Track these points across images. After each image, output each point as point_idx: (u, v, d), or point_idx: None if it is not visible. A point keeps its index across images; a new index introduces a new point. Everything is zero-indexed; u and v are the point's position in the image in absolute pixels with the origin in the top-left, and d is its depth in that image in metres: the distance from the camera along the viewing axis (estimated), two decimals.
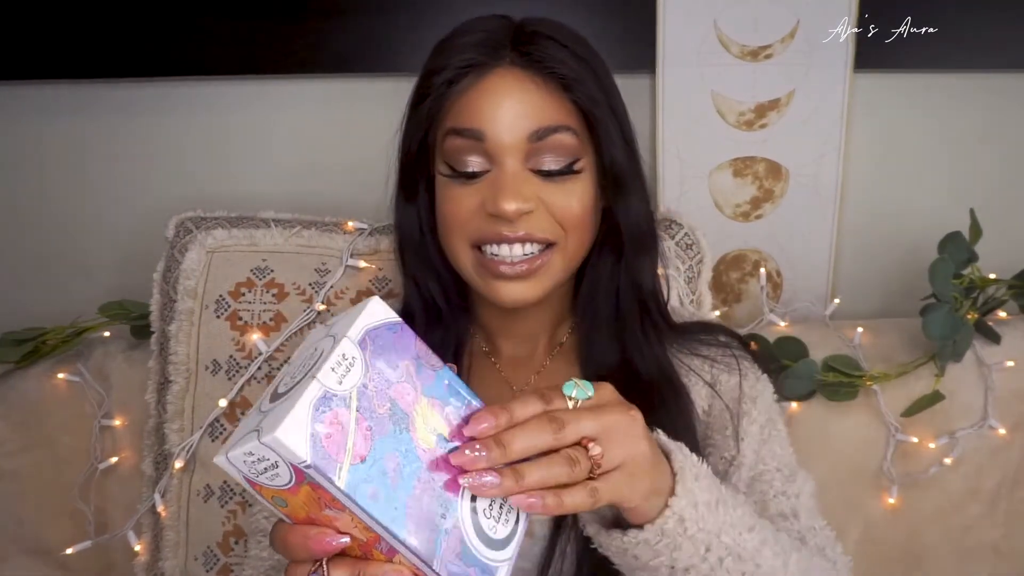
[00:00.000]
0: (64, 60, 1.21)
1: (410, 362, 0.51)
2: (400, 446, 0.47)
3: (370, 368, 0.48)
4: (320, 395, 0.45)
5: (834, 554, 0.74)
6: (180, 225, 1.06)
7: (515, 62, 0.72)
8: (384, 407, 0.48)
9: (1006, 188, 1.25)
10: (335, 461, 0.44)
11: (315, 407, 0.44)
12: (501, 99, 0.70)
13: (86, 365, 1.09)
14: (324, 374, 0.46)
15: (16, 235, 1.31)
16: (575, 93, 0.72)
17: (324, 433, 0.44)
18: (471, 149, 0.71)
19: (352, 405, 0.46)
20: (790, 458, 0.79)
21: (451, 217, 0.74)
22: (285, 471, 0.44)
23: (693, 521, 0.57)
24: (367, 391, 0.47)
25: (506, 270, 0.72)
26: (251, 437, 0.44)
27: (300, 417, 0.43)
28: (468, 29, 0.74)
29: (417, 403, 0.50)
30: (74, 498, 1.07)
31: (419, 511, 0.47)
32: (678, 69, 1.18)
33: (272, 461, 0.44)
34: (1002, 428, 1.06)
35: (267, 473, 0.45)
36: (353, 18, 1.18)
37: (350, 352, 0.48)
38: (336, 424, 0.45)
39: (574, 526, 0.70)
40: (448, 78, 0.72)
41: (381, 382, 0.48)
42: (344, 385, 0.46)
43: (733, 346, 0.82)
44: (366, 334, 0.49)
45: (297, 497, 0.46)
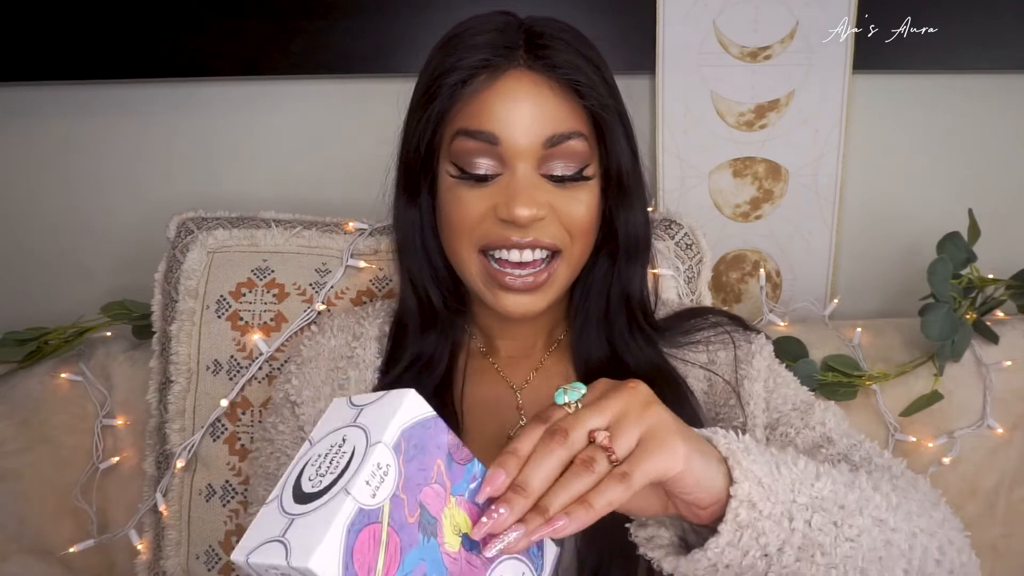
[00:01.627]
0: (66, 61, 1.21)
1: (441, 460, 0.50)
2: (427, 554, 0.46)
3: (402, 475, 0.47)
4: (355, 513, 0.44)
5: (883, 460, 0.71)
6: (181, 225, 1.06)
7: (529, 64, 0.71)
8: (414, 515, 0.47)
9: (1005, 188, 1.25)
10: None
11: (348, 529, 0.43)
12: (516, 102, 0.70)
13: (88, 365, 1.09)
14: (359, 489, 0.44)
15: (18, 235, 1.32)
16: (589, 100, 0.71)
17: (356, 557, 0.43)
18: (482, 151, 0.70)
19: (384, 520, 0.45)
20: (804, 394, 0.78)
21: (458, 221, 0.73)
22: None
23: (764, 499, 0.53)
24: (399, 500, 0.46)
25: (512, 282, 0.72)
26: (278, 551, 0.43)
27: (334, 543, 0.42)
28: (476, 27, 0.73)
29: (446, 504, 0.49)
30: (76, 497, 1.07)
31: None
32: (678, 70, 1.18)
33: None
34: (1000, 428, 1.06)
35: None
36: (353, 18, 1.18)
37: (384, 460, 0.46)
38: (368, 542, 0.44)
39: None
40: (460, 78, 0.70)
41: (413, 487, 0.47)
42: (377, 499, 0.45)
43: (723, 323, 0.82)
44: (401, 436, 0.48)
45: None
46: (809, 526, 0.54)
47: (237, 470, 1.01)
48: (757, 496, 0.53)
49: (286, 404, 0.83)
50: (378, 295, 1.03)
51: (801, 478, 0.56)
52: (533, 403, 0.80)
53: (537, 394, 0.80)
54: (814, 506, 0.55)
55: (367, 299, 1.02)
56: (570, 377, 0.80)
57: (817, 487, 0.56)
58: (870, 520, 0.57)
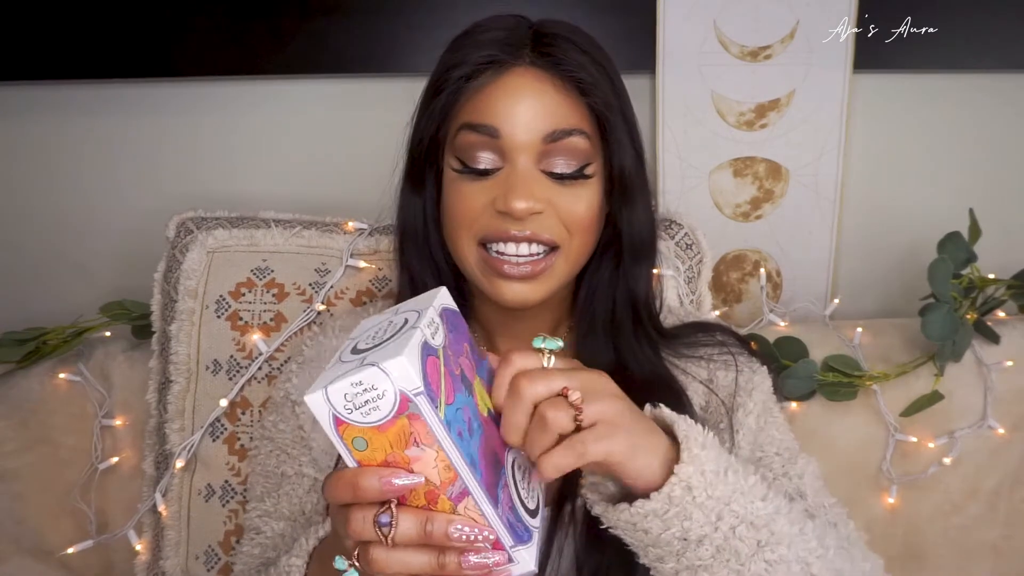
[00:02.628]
0: (67, 61, 1.21)
1: (467, 344, 0.57)
2: (469, 404, 0.52)
3: (448, 337, 0.54)
4: (423, 341, 0.50)
5: (846, 530, 0.73)
6: (181, 225, 1.06)
7: (534, 62, 0.72)
8: (457, 370, 0.53)
9: (1006, 188, 1.25)
10: (436, 396, 0.49)
11: (422, 349, 0.49)
12: (518, 98, 0.71)
13: (87, 365, 1.09)
14: (418, 327, 0.51)
15: (18, 235, 1.32)
16: (592, 98, 0.72)
17: (429, 371, 0.49)
18: (484, 145, 0.71)
19: (441, 358, 0.51)
20: (790, 442, 0.79)
21: (459, 213, 0.73)
22: (388, 403, 0.48)
23: (701, 488, 0.56)
24: (448, 352, 0.53)
25: (510, 270, 0.72)
26: (359, 369, 0.47)
27: (414, 352, 0.48)
28: (487, 26, 0.74)
29: (475, 378, 0.55)
30: (75, 498, 1.07)
31: (485, 463, 0.51)
32: (678, 69, 1.18)
33: (379, 392, 0.47)
34: (1001, 428, 1.06)
35: (365, 407, 0.48)
36: (353, 18, 1.18)
37: (435, 319, 0.53)
38: (435, 369, 0.50)
39: (571, 523, 0.71)
40: (466, 73, 0.72)
41: (453, 350, 0.54)
42: (436, 341, 0.52)
43: (729, 343, 0.82)
44: (443, 310, 0.55)
45: (385, 435, 0.49)
46: (733, 533, 0.57)
47: (236, 470, 1.00)
48: (696, 483, 0.56)
49: (286, 403, 0.83)
50: (378, 295, 1.02)
51: (745, 491, 0.58)
52: None
53: None
54: (746, 519, 0.57)
55: (367, 299, 1.02)
56: None
57: (757, 505, 0.58)
58: (795, 557, 0.59)
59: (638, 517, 0.56)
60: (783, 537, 0.58)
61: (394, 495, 0.50)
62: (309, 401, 0.49)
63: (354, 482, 0.50)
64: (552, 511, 0.71)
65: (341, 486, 0.50)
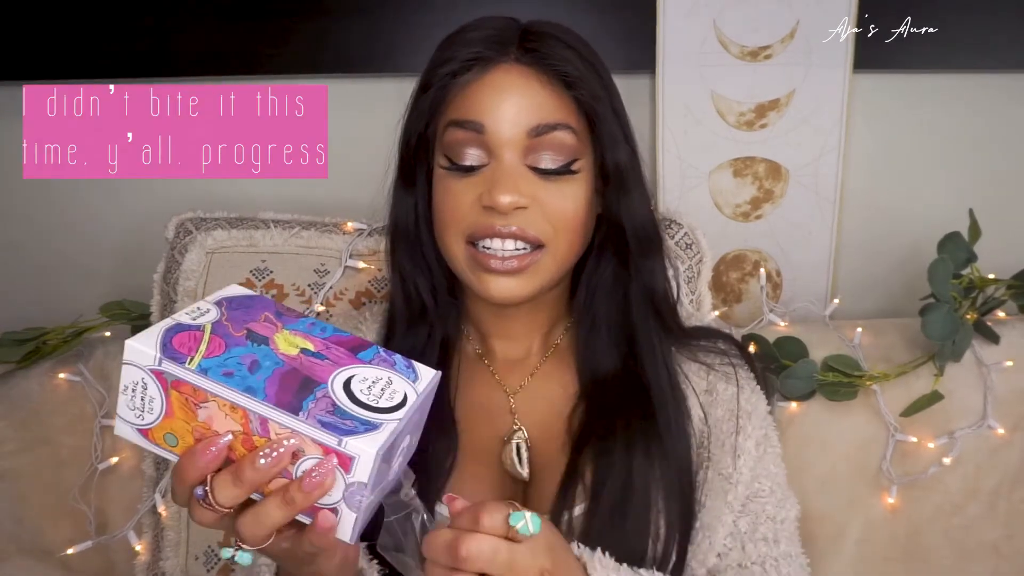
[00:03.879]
0: (67, 61, 1.21)
1: (270, 313, 0.60)
2: (257, 352, 0.55)
3: (225, 314, 0.58)
4: (172, 324, 0.55)
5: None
6: (180, 226, 1.06)
7: (520, 59, 0.72)
8: (240, 331, 0.57)
9: (1006, 188, 1.25)
10: (185, 356, 0.53)
11: (166, 330, 0.55)
12: (503, 93, 0.71)
13: (87, 365, 1.09)
14: (177, 316, 0.57)
15: (17, 235, 1.32)
16: (578, 91, 0.72)
17: (175, 342, 0.53)
18: (470, 141, 0.71)
19: (206, 330, 0.55)
20: (782, 479, 0.80)
21: (447, 211, 0.73)
22: (153, 388, 0.53)
23: None
24: (222, 323, 0.57)
25: (496, 265, 0.72)
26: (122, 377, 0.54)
27: (151, 333, 0.54)
28: (476, 26, 0.75)
29: (278, 332, 0.58)
30: (75, 498, 1.07)
31: (280, 384, 0.53)
32: (678, 69, 1.18)
33: (140, 382, 0.53)
34: (1001, 428, 1.06)
35: (146, 406, 0.54)
36: (353, 18, 1.18)
37: (205, 307, 0.59)
38: (189, 338, 0.54)
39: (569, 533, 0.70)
40: (452, 70, 0.72)
41: (237, 321, 0.58)
42: (197, 321, 0.56)
43: (731, 353, 0.82)
44: (222, 299, 0.60)
45: (175, 418, 0.53)
46: None
47: None
48: None
49: None
50: (377, 296, 1.02)
51: None
52: (527, 409, 0.79)
53: (532, 399, 0.80)
54: None
55: (366, 300, 1.02)
56: (568, 385, 0.80)
57: None
58: None
59: None
60: None
61: (218, 462, 0.51)
62: (122, 434, 0.55)
63: (179, 474, 0.51)
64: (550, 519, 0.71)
65: (174, 484, 0.52)
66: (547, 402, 0.79)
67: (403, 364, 0.59)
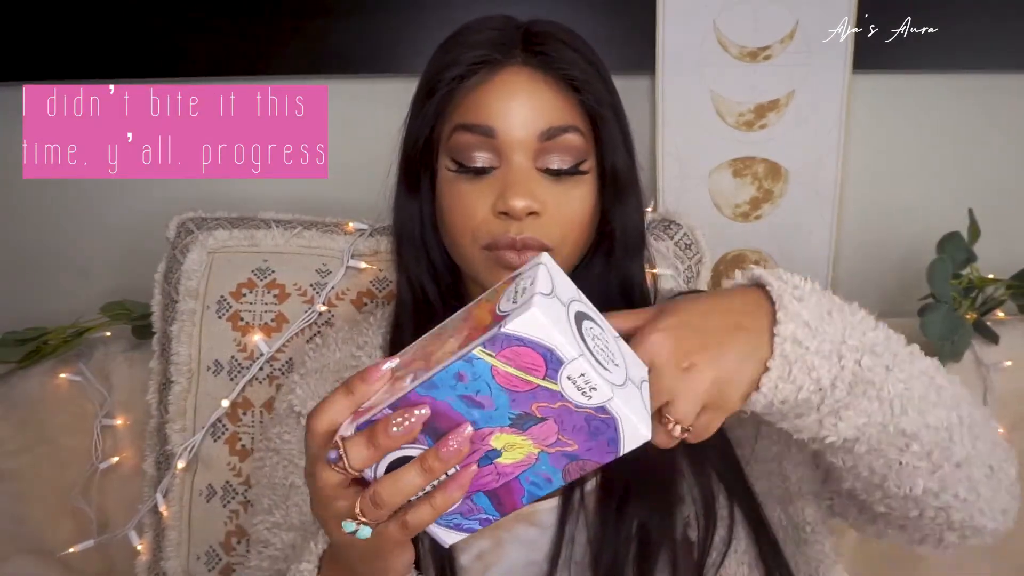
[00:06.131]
0: (67, 61, 1.21)
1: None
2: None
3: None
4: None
5: None
6: (181, 226, 1.06)
7: (527, 61, 0.72)
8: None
9: (1005, 188, 1.25)
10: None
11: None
12: (513, 96, 0.71)
13: (87, 365, 1.09)
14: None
15: (17, 235, 1.32)
16: (584, 94, 0.72)
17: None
18: (480, 145, 0.71)
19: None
20: None
21: (458, 215, 0.73)
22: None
23: (809, 338, 0.57)
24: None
25: (513, 259, 0.71)
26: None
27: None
28: (477, 27, 0.74)
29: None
30: (75, 498, 1.07)
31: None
32: (677, 70, 1.18)
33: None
34: (1001, 428, 1.05)
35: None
36: (353, 18, 1.18)
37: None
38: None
39: (581, 510, 0.71)
40: (459, 73, 0.72)
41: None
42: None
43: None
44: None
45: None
46: (859, 365, 0.58)
47: (238, 470, 1.01)
48: (802, 335, 0.56)
49: (291, 415, 0.82)
50: (378, 296, 1.02)
51: (854, 325, 0.59)
52: None
53: None
54: (865, 349, 0.58)
55: (368, 300, 1.02)
56: None
57: (870, 335, 0.59)
58: (920, 371, 0.61)
59: (769, 392, 0.57)
60: (905, 356, 0.60)
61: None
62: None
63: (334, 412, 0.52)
64: (561, 500, 0.71)
65: (318, 427, 0.52)
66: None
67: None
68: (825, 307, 0.59)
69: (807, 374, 0.57)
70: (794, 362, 0.56)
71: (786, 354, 0.56)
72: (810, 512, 0.74)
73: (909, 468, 0.61)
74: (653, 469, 0.70)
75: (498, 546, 0.72)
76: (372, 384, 0.51)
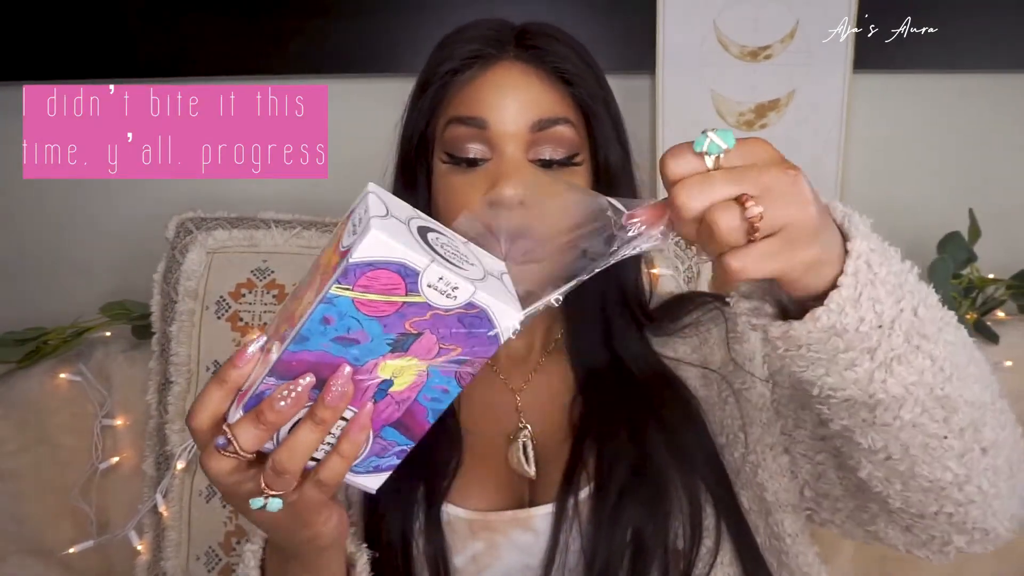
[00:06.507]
0: (67, 61, 1.21)
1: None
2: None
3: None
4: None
5: None
6: (180, 226, 1.06)
7: (519, 56, 0.73)
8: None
9: (1005, 188, 1.25)
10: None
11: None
12: (505, 89, 0.71)
13: (87, 365, 1.09)
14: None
15: (17, 235, 1.32)
16: (577, 88, 0.73)
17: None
18: (473, 137, 0.72)
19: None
20: None
21: (454, 209, 0.73)
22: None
23: (879, 263, 0.50)
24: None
25: None
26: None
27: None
28: (471, 27, 0.75)
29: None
30: (75, 498, 1.07)
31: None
32: (678, 69, 1.18)
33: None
34: None
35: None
36: (353, 18, 1.18)
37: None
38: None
39: (575, 517, 0.71)
40: (452, 68, 0.73)
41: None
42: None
43: (709, 300, 0.82)
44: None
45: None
46: (915, 315, 0.51)
47: None
48: (873, 258, 0.50)
49: None
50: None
51: (908, 269, 0.53)
52: (532, 406, 0.80)
53: (536, 396, 0.80)
54: (922, 298, 0.52)
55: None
56: (568, 378, 0.80)
57: (923, 286, 0.53)
58: (963, 338, 0.56)
59: (835, 314, 0.49)
60: (950, 319, 0.55)
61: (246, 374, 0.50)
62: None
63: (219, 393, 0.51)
64: (555, 506, 0.71)
65: (198, 414, 0.51)
66: (549, 397, 0.79)
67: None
68: (883, 241, 0.52)
69: (872, 306, 0.49)
70: (864, 286, 0.49)
71: (858, 272, 0.49)
72: (789, 523, 0.73)
73: (943, 448, 0.55)
74: (644, 478, 0.69)
75: (493, 549, 0.72)
76: (244, 367, 0.50)
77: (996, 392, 0.60)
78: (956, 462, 0.57)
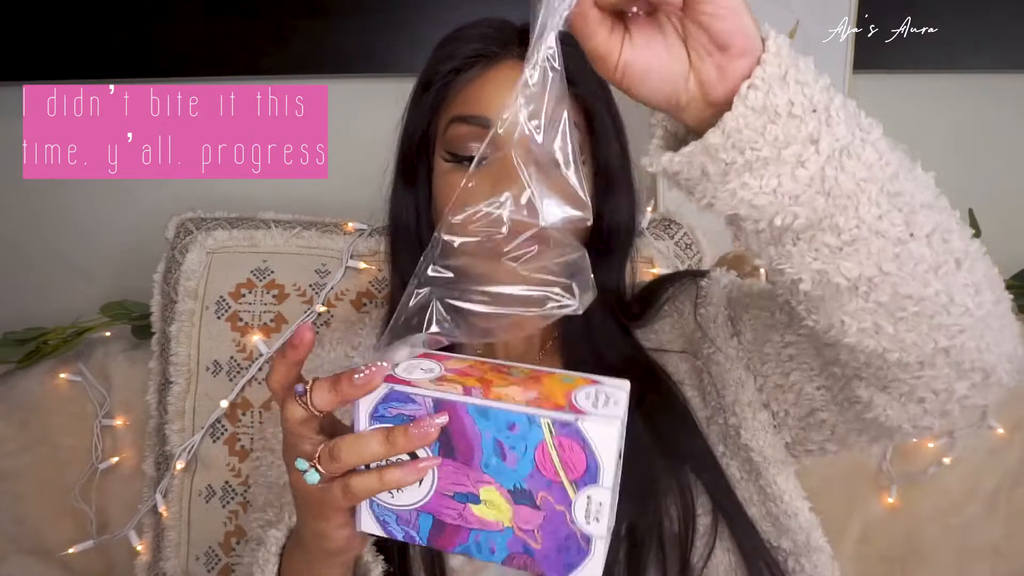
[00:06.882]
0: (66, 61, 1.21)
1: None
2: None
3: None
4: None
5: None
6: (180, 226, 1.06)
7: (522, 55, 0.72)
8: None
9: (1006, 188, 1.25)
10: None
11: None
12: (508, 88, 0.71)
13: (87, 365, 1.09)
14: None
15: (17, 235, 1.32)
16: (579, 87, 0.72)
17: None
18: (475, 136, 0.72)
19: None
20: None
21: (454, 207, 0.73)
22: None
23: (798, 56, 0.48)
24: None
25: None
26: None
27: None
28: (475, 25, 0.75)
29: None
30: (75, 498, 1.07)
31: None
32: None
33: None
34: (1001, 428, 1.06)
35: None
36: (353, 18, 1.18)
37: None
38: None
39: None
40: (455, 66, 0.73)
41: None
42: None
43: (680, 274, 0.84)
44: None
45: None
46: (846, 107, 0.50)
47: (237, 471, 1.01)
48: (792, 52, 0.48)
49: None
50: (377, 296, 1.02)
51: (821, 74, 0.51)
52: None
53: None
54: (842, 101, 0.50)
55: (367, 300, 1.02)
56: None
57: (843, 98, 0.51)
58: (889, 143, 0.54)
59: (762, 94, 0.47)
60: (874, 124, 0.53)
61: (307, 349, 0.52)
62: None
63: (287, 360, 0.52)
64: None
65: (280, 369, 0.52)
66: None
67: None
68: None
69: (800, 89, 0.48)
70: (789, 67, 0.47)
71: (780, 50, 0.47)
72: (781, 480, 0.74)
73: (915, 258, 0.54)
74: (632, 468, 0.70)
75: None
76: (364, 390, 0.51)
77: (949, 205, 0.59)
78: (933, 275, 0.54)
